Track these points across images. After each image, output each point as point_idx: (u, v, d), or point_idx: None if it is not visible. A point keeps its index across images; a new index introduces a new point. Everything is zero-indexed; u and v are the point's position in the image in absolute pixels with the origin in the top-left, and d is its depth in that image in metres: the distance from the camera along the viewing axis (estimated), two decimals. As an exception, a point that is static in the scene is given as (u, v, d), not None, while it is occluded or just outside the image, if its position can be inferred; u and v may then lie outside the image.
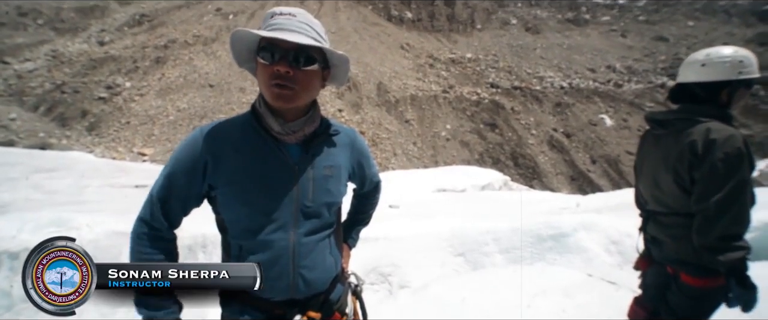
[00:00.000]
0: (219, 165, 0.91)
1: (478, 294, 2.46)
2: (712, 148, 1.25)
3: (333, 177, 1.00)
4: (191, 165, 0.92)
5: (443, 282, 2.89)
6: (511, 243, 4.20)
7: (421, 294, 2.69)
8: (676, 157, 1.36)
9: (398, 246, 3.97)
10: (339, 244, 1.12)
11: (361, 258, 3.73)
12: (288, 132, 0.94)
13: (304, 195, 0.94)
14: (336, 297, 1.07)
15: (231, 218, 0.93)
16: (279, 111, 0.93)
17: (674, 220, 1.43)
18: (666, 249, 1.48)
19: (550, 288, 2.47)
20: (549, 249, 4.11)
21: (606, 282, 2.64)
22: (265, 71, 0.87)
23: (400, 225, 4.66)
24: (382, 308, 2.81)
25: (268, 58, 0.86)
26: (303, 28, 0.88)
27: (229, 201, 0.92)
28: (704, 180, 1.27)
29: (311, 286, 0.97)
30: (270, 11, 0.92)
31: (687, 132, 1.34)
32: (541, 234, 4.22)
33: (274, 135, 0.93)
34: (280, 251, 0.92)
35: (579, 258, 3.84)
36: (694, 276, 1.36)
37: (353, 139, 1.13)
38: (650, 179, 1.52)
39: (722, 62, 1.35)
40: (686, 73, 1.44)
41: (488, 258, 4.04)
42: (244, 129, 0.95)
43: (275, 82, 0.86)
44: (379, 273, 3.73)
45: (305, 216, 0.95)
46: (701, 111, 1.37)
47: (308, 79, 0.91)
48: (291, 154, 0.95)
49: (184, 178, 0.92)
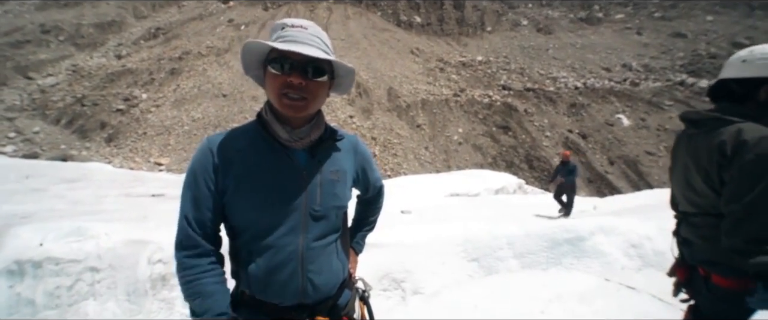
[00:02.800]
0: (229, 172, 0.93)
1: (491, 300, 2.41)
2: (743, 149, 1.22)
3: (340, 182, 1.02)
4: (207, 174, 0.93)
5: (456, 288, 2.83)
6: (525, 248, 4.11)
7: (433, 300, 2.64)
8: (706, 157, 1.33)
9: (411, 251, 3.94)
10: (346, 249, 1.13)
11: (373, 264, 3.71)
12: (295, 138, 0.96)
13: (312, 199, 0.96)
14: (344, 302, 1.08)
15: (241, 224, 0.94)
16: (286, 118, 0.95)
17: (705, 221, 1.40)
18: (696, 250, 1.45)
19: (566, 293, 2.39)
20: (565, 254, 4.00)
21: (625, 287, 2.55)
22: (276, 81, 0.90)
23: (413, 230, 4.62)
24: (394, 314, 2.78)
25: (279, 68, 0.89)
26: (314, 41, 0.91)
27: (239, 206, 0.93)
28: (734, 182, 1.24)
29: (320, 291, 0.98)
30: (280, 22, 0.94)
31: (718, 131, 1.31)
32: (557, 239, 4.12)
33: (282, 142, 0.95)
34: (289, 255, 0.93)
35: (597, 263, 3.72)
36: (726, 277, 1.33)
37: (356, 144, 1.14)
38: (682, 179, 1.50)
39: (764, 58, 1.31)
40: (727, 70, 1.42)
41: (502, 264, 3.96)
42: (251, 136, 0.97)
43: (287, 92, 0.89)
44: (392, 279, 3.69)
45: (314, 220, 0.96)
46: (735, 110, 1.34)
47: (319, 89, 0.94)
48: (299, 160, 0.97)
49: (205, 187, 0.94)
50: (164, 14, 37.05)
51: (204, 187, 0.93)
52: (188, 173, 0.96)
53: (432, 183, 12.28)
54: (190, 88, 26.74)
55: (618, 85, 35.11)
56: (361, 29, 39.49)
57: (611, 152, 27.05)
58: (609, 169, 25.87)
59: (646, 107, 31.17)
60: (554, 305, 2.22)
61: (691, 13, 48.99)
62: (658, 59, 39.57)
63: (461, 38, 45.98)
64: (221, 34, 33.73)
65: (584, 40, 44.77)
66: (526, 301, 2.31)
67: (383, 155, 23.38)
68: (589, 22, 50.15)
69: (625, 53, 41.33)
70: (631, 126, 29.37)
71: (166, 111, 24.45)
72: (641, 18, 50.30)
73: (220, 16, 37.39)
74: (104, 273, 3.45)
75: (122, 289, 2.97)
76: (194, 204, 0.94)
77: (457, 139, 26.90)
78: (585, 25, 49.50)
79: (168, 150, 21.27)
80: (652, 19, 49.16)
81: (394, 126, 26.61)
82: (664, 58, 39.58)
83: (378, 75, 31.63)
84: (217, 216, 0.96)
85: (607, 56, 41.00)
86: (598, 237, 4.02)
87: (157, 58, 29.32)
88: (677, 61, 38.61)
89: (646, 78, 36.09)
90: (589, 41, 44.53)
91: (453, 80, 34.39)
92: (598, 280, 2.65)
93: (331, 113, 26.05)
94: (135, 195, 7.85)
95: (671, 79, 35.22)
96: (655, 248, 3.87)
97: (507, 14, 51.19)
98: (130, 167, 18.78)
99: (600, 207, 7.41)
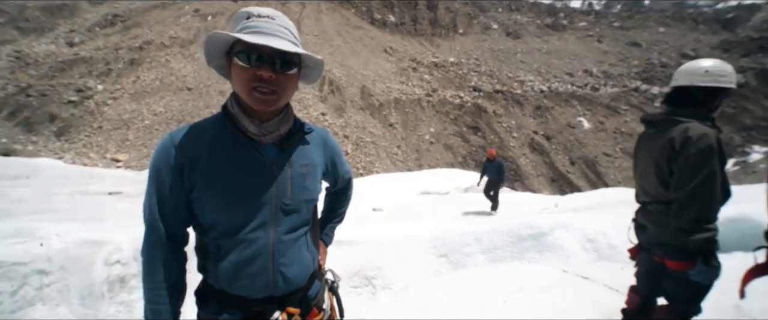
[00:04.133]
0: (195, 168, 0.90)
1: (457, 294, 2.50)
2: (688, 144, 1.44)
3: (310, 175, 1.02)
4: (171, 170, 0.91)
5: (424, 283, 2.91)
6: (492, 244, 4.28)
7: (401, 295, 2.70)
8: (659, 152, 1.56)
9: (382, 248, 3.98)
10: (316, 241, 1.13)
11: (345, 261, 3.71)
12: (264, 132, 0.94)
13: (283, 193, 0.95)
14: (314, 293, 1.08)
15: (210, 220, 0.92)
16: (254, 112, 0.93)
17: (656, 208, 1.62)
18: (650, 234, 1.66)
19: (528, 285, 2.53)
20: (529, 248, 4.20)
21: (580, 278, 2.73)
22: (244, 73, 0.86)
23: (384, 228, 4.67)
24: (363, 310, 2.80)
25: (246, 60, 0.86)
26: (282, 32, 0.89)
27: (207, 203, 0.91)
28: (679, 172, 1.46)
29: (290, 283, 0.98)
30: (245, 11, 0.90)
31: (670, 130, 1.54)
32: (521, 234, 4.32)
33: (250, 136, 0.93)
34: (259, 249, 0.92)
35: (556, 256, 3.94)
36: (675, 260, 1.52)
37: (325, 137, 1.14)
38: (641, 173, 1.72)
39: (723, 74, 1.57)
40: (690, 77, 1.62)
41: (470, 259, 4.09)
42: (217, 131, 0.94)
43: (257, 85, 0.86)
44: (363, 276, 3.72)
45: (285, 214, 0.96)
46: (684, 113, 1.56)
47: (288, 82, 0.92)
48: (268, 154, 0.95)
49: (171, 184, 0.91)
50: (123, 1, 34.77)
51: (169, 184, 0.90)
52: (151, 170, 0.93)
53: (403, 182, 12.41)
54: (152, 80, 25.30)
55: (580, 89, 37.09)
56: (335, 26, 39.06)
57: (572, 153, 28.56)
58: (570, 169, 27.31)
59: (604, 111, 33.17)
60: (516, 296, 2.34)
61: (645, 24, 52.61)
62: (616, 66, 42.18)
63: (434, 39, 46.68)
64: (186, 25, 32.16)
65: (550, 46, 46.87)
66: (490, 294, 2.42)
67: (356, 153, 23.31)
68: (554, 28, 52.56)
69: (587, 59, 43.70)
70: (590, 129, 31.15)
71: (125, 104, 23.01)
72: (602, 26, 53.36)
73: (185, 5, 35.62)
74: (54, 276, 3.22)
75: (75, 293, 2.79)
76: (160, 201, 0.91)
77: (428, 139, 27.32)
78: (551, 31, 51.82)
79: (127, 145, 20.03)
80: (611, 28, 52.29)
81: (367, 124, 26.60)
82: (621, 66, 42.26)
83: (351, 73, 31.44)
84: (184, 213, 0.94)
85: (570, 62, 43.17)
86: (559, 233, 4.26)
87: (114, 46, 27.47)
88: (633, 68, 41.36)
89: (605, 83, 38.37)
90: (554, 47, 46.66)
91: (425, 80, 34.86)
92: (557, 272, 2.82)
93: (303, 110, 25.60)
94: (90, 193, 7.35)
95: (627, 85, 37.69)
96: (609, 242, 4.16)
97: (478, 17, 52.56)
98: (83, 163, 17.51)
99: (561, 204, 7.82)
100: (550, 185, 25.67)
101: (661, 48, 45.42)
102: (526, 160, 27.42)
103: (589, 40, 48.86)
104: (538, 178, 26.25)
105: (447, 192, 10.94)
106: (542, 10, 59.11)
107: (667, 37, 48.16)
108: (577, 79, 39.55)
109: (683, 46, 43.92)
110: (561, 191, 22.38)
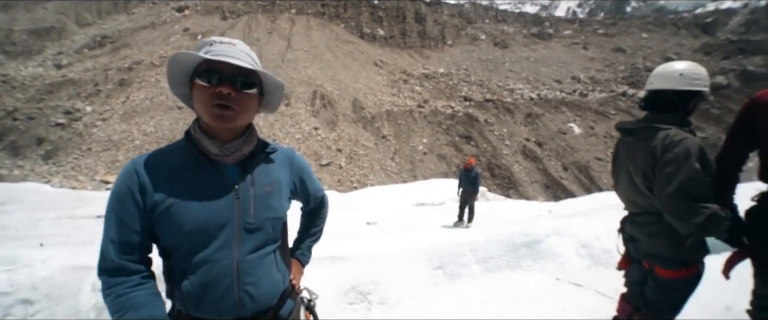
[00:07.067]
0: (157, 191, 0.91)
1: (451, 306, 2.47)
2: (667, 150, 1.45)
3: (274, 194, 1.02)
4: (133, 195, 0.91)
5: (419, 296, 2.88)
6: (487, 253, 4.27)
7: (395, 309, 2.67)
8: (643, 161, 1.54)
9: (377, 263, 3.94)
10: (287, 260, 1.13)
11: (340, 278, 3.67)
12: (226, 153, 0.96)
13: (245, 212, 0.95)
14: (286, 313, 1.08)
15: (172, 242, 0.93)
16: (216, 134, 0.95)
17: (647, 219, 1.59)
18: (641, 246, 1.63)
19: (521, 294, 2.52)
20: (524, 257, 4.20)
21: (573, 285, 2.73)
22: (204, 92, 0.90)
23: (379, 241, 4.64)
24: (358, 328, 2.75)
25: (207, 80, 0.90)
26: (243, 56, 0.93)
27: (169, 225, 0.91)
28: (660, 175, 1.47)
29: (258, 302, 0.98)
30: (208, 39, 0.96)
31: (651, 138, 1.53)
32: (516, 243, 4.32)
33: (211, 157, 0.95)
34: (224, 269, 0.92)
35: (551, 263, 3.94)
36: (667, 268, 1.52)
37: (291, 156, 1.15)
38: (626, 183, 1.70)
39: (697, 77, 1.58)
40: (665, 81, 1.62)
41: (465, 269, 4.07)
42: (180, 155, 0.96)
43: (217, 103, 0.90)
44: (359, 291, 3.67)
45: (248, 233, 0.96)
46: (663, 119, 1.56)
47: (248, 101, 0.95)
48: (230, 175, 0.96)
49: (132, 208, 0.91)
50: (111, 21, 34.82)
51: (130, 209, 0.91)
52: (111, 196, 0.93)
53: (398, 194, 12.39)
54: (142, 99, 25.19)
55: (568, 95, 37.75)
56: (325, 41, 39.49)
57: (565, 158, 28.85)
58: (563, 175, 27.53)
59: (594, 116, 33.73)
60: (510, 306, 2.33)
61: (628, 30, 54.05)
62: (602, 72, 43.10)
63: (423, 51, 47.37)
64: (176, 44, 32.26)
65: (537, 54, 47.81)
66: (485, 305, 2.40)
67: (349, 166, 23.26)
68: (540, 37, 53.73)
69: (574, 66, 44.62)
70: (581, 134, 31.58)
71: (114, 124, 22.81)
72: (587, 34, 54.70)
73: (174, 24, 35.81)
74: (40, 304, 3.12)
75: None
76: (119, 226, 0.91)
77: (421, 149, 27.43)
78: (537, 40, 52.96)
79: (116, 166, 19.77)
80: (596, 35, 53.60)
81: (360, 137, 26.66)
82: (607, 71, 43.21)
83: (342, 86, 31.66)
84: (146, 237, 0.93)
85: (558, 69, 44.03)
86: (553, 239, 4.27)
87: (103, 67, 27.39)
88: (619, 73, 42.30)
89: (593, 89, 39.13)
90: (541, 55, 47.60)
91: (416, 92, 35.22)
92: (551, 280, 2.82)
93: (295, 125, 25.61)
94: (78, 217, 7.22)
95: (614, 89, 38.47)
96: (603, 246, 4.18)
97: (466, 29, 53.59)
98: (72, 186, 17.19)
99: (554, 210, 7.86)
100: (545, 191, 25.81)
101: (645, 53, 46.60)
102: (520, 168, 27.60)
103: (575, 48, 49.96)
104: (533, 185, 26.38)
105: (442, 202, 10.94)
106: (528, 19, 60.57)
107: (650, 42, 49.48)
108: (566, 86, 40.26)
109: (666, 51, 45.12)
110: (555, 197, 22.49)
